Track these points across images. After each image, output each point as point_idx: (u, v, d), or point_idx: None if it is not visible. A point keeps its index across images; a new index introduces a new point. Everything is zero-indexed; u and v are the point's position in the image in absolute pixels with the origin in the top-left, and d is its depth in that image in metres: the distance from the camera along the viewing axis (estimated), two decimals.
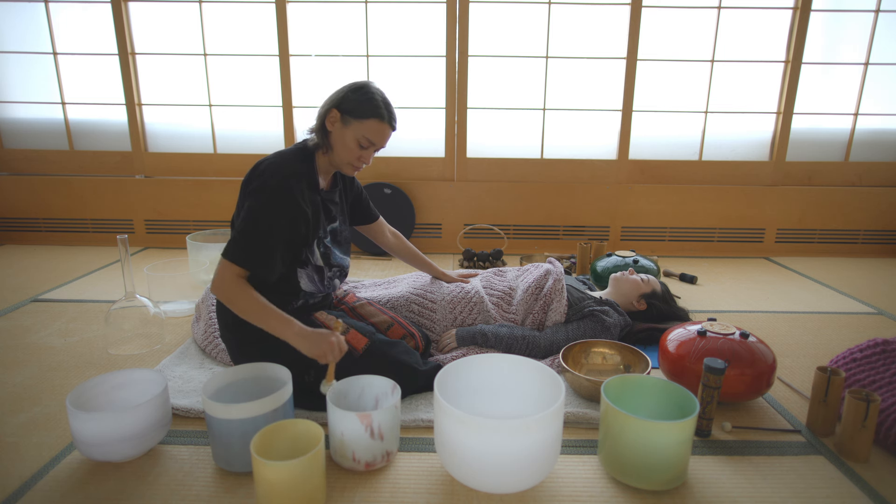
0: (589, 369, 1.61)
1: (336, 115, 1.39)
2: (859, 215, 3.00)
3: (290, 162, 1.38)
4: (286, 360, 1.33)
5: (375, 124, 1.38)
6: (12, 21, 2.88)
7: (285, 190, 1.32)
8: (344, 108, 1.38)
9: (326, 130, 1.42)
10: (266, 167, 1.36)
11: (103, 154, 3.03)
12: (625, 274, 1.93)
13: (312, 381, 1.37)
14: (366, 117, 1.37)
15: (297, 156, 1.41)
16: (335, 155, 1.42)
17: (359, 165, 1.44)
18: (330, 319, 1.47)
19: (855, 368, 1.42)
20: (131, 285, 1.74)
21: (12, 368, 1.63)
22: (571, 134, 3.00)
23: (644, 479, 1.11)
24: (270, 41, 2.87)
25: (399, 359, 1.43)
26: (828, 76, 2.93)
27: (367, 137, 1.38)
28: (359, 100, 1.37)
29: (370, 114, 1.37)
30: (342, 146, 1.40)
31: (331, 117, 1.40)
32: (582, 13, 2.83)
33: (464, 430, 1.04)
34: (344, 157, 1.41)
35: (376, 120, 1.38)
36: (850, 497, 1.13)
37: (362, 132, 1.38)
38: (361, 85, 1.40)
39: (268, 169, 1.35)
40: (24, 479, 1.16)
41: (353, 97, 1.38)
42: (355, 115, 1.37)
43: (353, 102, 1.37)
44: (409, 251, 1.86)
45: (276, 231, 1.31)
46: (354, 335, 1.42)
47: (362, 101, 1.37)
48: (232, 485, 1.14)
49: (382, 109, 1.38)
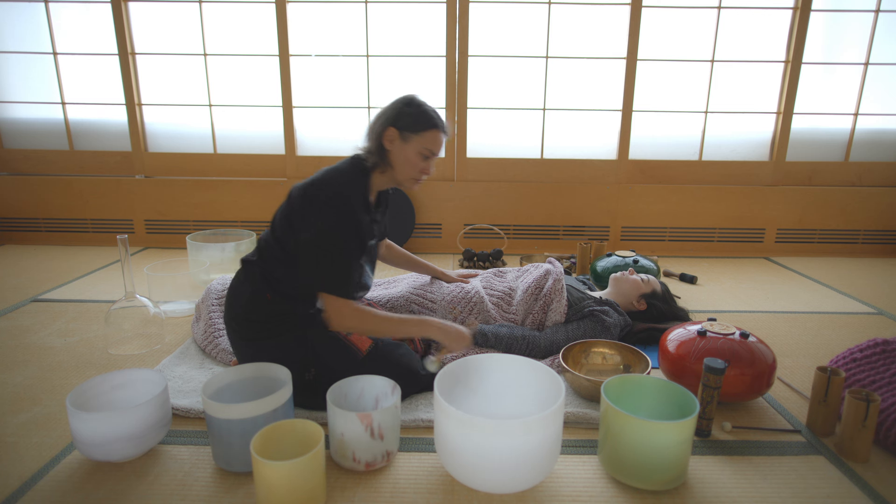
0: (589, 369, 1.61)
1: (394, 133, 1.40)
2: (859, 215, 3.00)
3: (355, 185, 1.40)
4: (288, 359, 1.34)
5: (434, 134, 1.41)
6: (12, 21, 2.88)
7: (357, 216, 1.36)
8: (401, 124, 1.40)
9: (384, 150, 1.42)
10: (336, 192, 1.36)
11: (103, 154, 3.03)
12: (625, 274, 1.93)
13: (312, 379, 1.37)
14: (424, 129, 1.40)
15: (355, 176, 1.42)
16: (397, 172, 1.44)
17: (421, 178, 1.46)
18: None
19: (855, 368, 1.42)
20: (131, 285, 1.74)
21: (12, 368, 1.63)
22: (571, 134, 3.00)
23: (644, 479, 1.11)
24: (270, 41, 2.87)
25: (402, 361, 1.44)
26: (828, 76, 2.93)
27: (428, 148, 1.41)
28: (414, 114, 1.40)
29: (428, 125, 1.40)
30: (404, 162, 1.42)
31: (388, 136, 1.41)
32: (582, 13, 2.83)
33: (464, 430, 1.04)
34: (407, 172, 1.43)
35: (434, 130, 1.41)
36: (850, 497, 1.13)
37: (423, 144, 1.41)
38: (411, 99, 1.43)
39: (339, 194, 1.36)
40: (24, 479, 1.16)
41: (408, 112, 1.40)
42: (413, 130, 1.40)
43: (409, 117, 1.40)
44: (402, 257, 1.86)
45: (355, 256, 1.38)
46: (359, 336, 1.43)
47: (418, 115, 1.40)
48: (232, 485, 1.14)
49: (437, 119, 1.42)
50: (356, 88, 2.94)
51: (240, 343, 1.44)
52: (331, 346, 1.40)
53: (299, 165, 3.00)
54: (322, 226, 1.33)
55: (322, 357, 1.39)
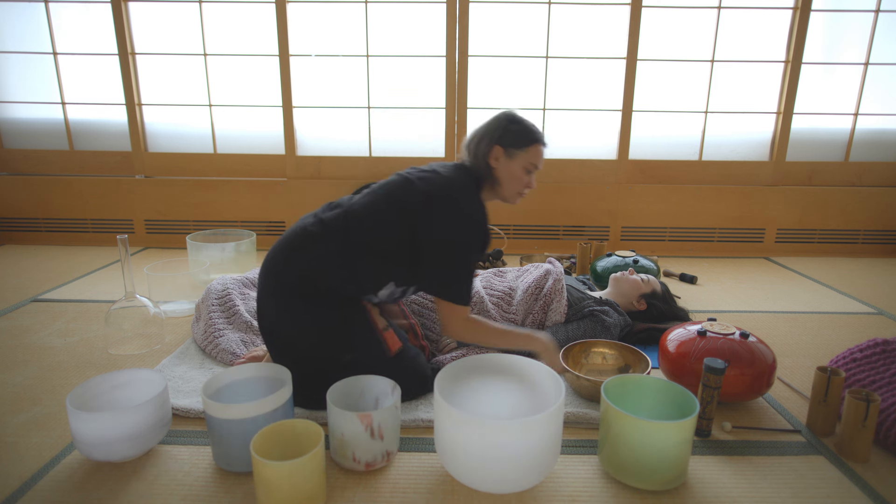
0: (589, 369, 1.61)
1: (500, 151, 1.44)
2: (859, 215, 3.00)
3: (481, 200, 1.43)
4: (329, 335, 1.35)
5: (538, 149, 1.46)
6: (12, 21, 2.88)
7: (483, 226, 1.40)
8: (506, 142, 1.43)
9: (489, 167, 1.45)
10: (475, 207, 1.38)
11: (103, 154, 3.03)
12: (625, 274, 1.93)
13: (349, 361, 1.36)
14: (529, 145, 1.44)
15: (476, 189, 1.45)
16: (504, 188, 1.48)
17: (525, 192, 1.50)
18: (374, 311, 1.45)
19: (855, 368, 1.42)
20: (131, 285, 1.74)
21: (12, 368, 1.63)
22: (571, 134, 3.00)
23: (644, 479, 1.11)
24: (270, 41, 2.87)
25: (419, 370, 1.45)
26: (828, 76, 2.93)
27: (532, 163, 1.46)
28: (518, 131, 1.44)
29: (532, 141, 1.45)
30: (511, 178, 1.46)
31: (494, 155, 1.44)
32: (582, 13, 2.83)
33: (464, 430, 1.04)
34: (514, 187, 1.48)
35: (538, 145, 1.46)
36: (850, 497, 1.13)
37: (528, 160, 1.45)
38: (512, 116, 1.47)
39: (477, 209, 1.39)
40: (24, 479, 1.16)
41: (513, 129, 1.44)
42: (518, 146, 1.44)
43: (513, 135, 1.44)
44: None
45: (472, 264, 1.41)
46: (391, 336, 1.43)
47: (521, 132, 1.44)
48: (232, 485, 1.14)
49: (539, 134, 1.46)
50: (356, 88, 2.94)
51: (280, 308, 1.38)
52: (367, 337, 1.39)
53: (299, 165, 3.00)
54: (459, 236, 1.36)
55: (355, 344, 1.38)
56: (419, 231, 1.35)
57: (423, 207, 1.36)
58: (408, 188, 1.40)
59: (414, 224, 1.36)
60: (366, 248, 1.36)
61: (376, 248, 1.37)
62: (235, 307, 1.79)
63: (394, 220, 1.37)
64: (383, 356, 1.39)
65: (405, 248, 1.37)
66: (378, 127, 3.00)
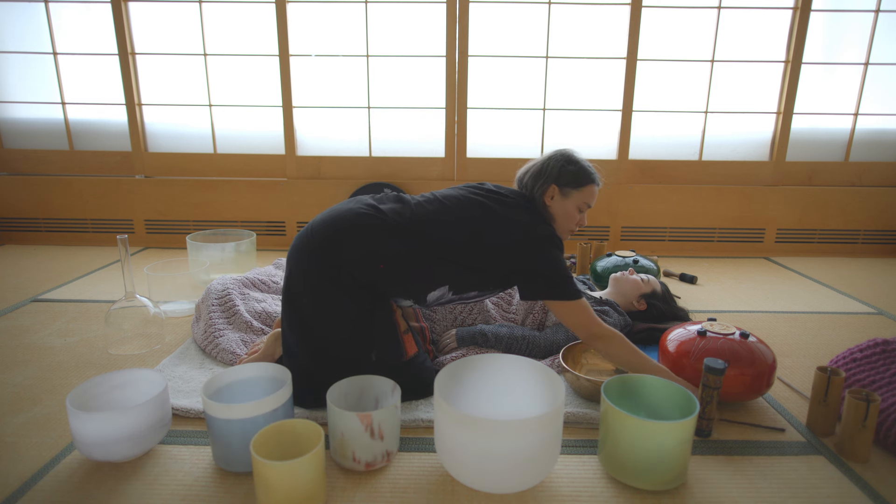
0: (589, 369, 1.61)
1: (555, 190, 1.49)
2: (859, 215, 3.00)
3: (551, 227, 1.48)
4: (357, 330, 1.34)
5: (592, 189, 1.51)
6: (12, 21, 2.88)
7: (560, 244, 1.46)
8: (562, 181, 1.49)
9: (545, 205, 1.51)
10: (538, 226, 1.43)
11: (103, 154, 3.03)
12: (625, 274, 1.93)
13: (375, 361, 1.35)
14: (584, 185, 1.49)
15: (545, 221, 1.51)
16: (557, 225, 1.53)
17: (576, 230, 1.56)
18: (398, 312, 1.44)
19: (855, 368, 1.42)
20: (131, 285, 1.74)
21: (12, 368, 1.63)
22: (571, 134, 3.00)
23: (644, 479, 1.11)
24: (270, 41, 2.87)
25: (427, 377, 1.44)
26: (828, 76, 2.93)
27: (587, 202, 1.51)
28: (575, 171, 1.49)
29: (587, 181, 1.50)
30: (564, 216, 1.51)
31: (550, 193, 1.50)
32: (582, 13, 2.83)
33: (464, 430, 1.04)
34: (567, 225, 1.53)
35: (593, 185, 1.51)
36: (850, 497, 1.13)
37: (583, 199, 1.50)
38: (569, 157, 1.52)
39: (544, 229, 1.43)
40: (24, 479, 1.16)
41: (569, 170, 1.49)
42: (574, 186, 1.49)
43: (570, 175, 1.49)
44: None
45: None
46: (410, 340, 1.42)
47: (578, 173, 1.49)
48: (232, 485, 1.14)
49: (594, 175, 1.52)
50: (356, 88, 2.94)
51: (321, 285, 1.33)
52: (387, 335, 1.38)
53: (299, 165, 3.00)
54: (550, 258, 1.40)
55: (377, 342, 1.37)
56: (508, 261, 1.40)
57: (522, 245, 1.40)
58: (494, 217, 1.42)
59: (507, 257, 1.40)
60: (436, 254, 1.37)
61: (448, 257, 1.38)
62: (235, 307, 1.80)
63: (465, 233, 1.39)
64: (399, 359, 1.39)
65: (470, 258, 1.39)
66: (378, 127, 3.00)
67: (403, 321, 1.44)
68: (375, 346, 1.36)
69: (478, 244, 1.39)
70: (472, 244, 1.39)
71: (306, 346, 1.37)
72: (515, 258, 1.40)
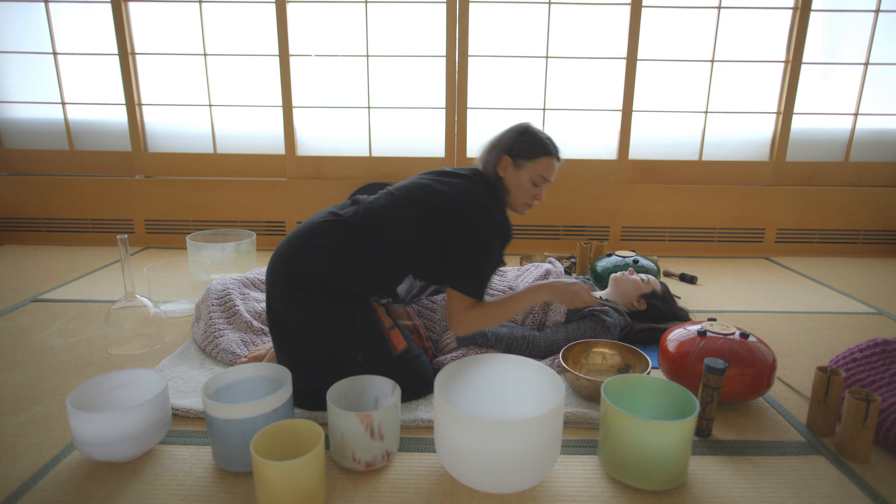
0: (589, 369, 1.61)
1: (508, 161, 1.46)
2: (859, 215, 3.00)
3: (497, 200, 1.46)
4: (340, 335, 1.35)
5: (547, 161, 1.46)
6: (12, 21, 2.88)
7: (504, 228, 1.42)
8: (515, 152, 1.45)
9: (499, 177, 1.48)
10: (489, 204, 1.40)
11: (103, 154, 3.03)
12: (625, 274, 1.93)
13: (362, 361, 1.36)
14: (537, 156, 1.45)
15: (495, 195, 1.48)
16: (512, 198, 1.49)
17: (533, 203, 1.51)
18: (381, 310, 1.46)
19: (855, 368, 1.42)
20: (131, 285, 1.74)
21: (12, 368, 1.63)
22: (571, 134, 2.99)
23: (644, 479, 1.11)
24: (270, 41, 2.87)
25: (421, 371, 1.45)
26: (828, 76, 2.93)
27: (542, 175, 1.46)
28: (528, 142, 1.45)
29: (541, 152, 1.45)
30: (518, 188, 1.47)
31: (503, 164, 1.46)
32: (582, 13, 2.83)
33: (464, 430, 1.04)
34: (521, 198, 1.49)
35: (547, 157, 1.46)
36: (850, 497, 1.13)
37: (537, 171, 1.45)
38: (525, 128, 1.48)
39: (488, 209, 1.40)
40: (24, 479, 1.16)
41: (522, 140, 1.45)
42: (527, 157, 1.45)
43: (523, 145, 1.45)
44: None
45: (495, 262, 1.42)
46: (397, 335, 1.43)
47: (532, 143, 1.45)
48: (232, 485, 1.14)
49: (551, 146, 1.47)
50: (356, 88, 2.94)
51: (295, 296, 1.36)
52: (372, 334, 1.39)
53: (299, 165, 3.00)
54: (483, 237, 1.38)
55: (362, 343, 1.38)
56: (444, 233, 1.38)
57: (447, 209, 1.39)
58: (429, 190, 1.42)
59: (437, 225, 1.38)
60: (387, 245, 1.38)
61: (397, 246, 1.39)
62: (235, 307, 1.80)
63: (414, 219, 1.39)
64: (388, 355, 1.39)
65: (424, 246, 1.39)
66: (378, 127, 3.00)
67: (388, 318, 1.45)
68: (361, 346, 1.37)
69: (418, 227, 1.39)
70: (415, 229, 1.39)
71: (297, 360, 1.38)
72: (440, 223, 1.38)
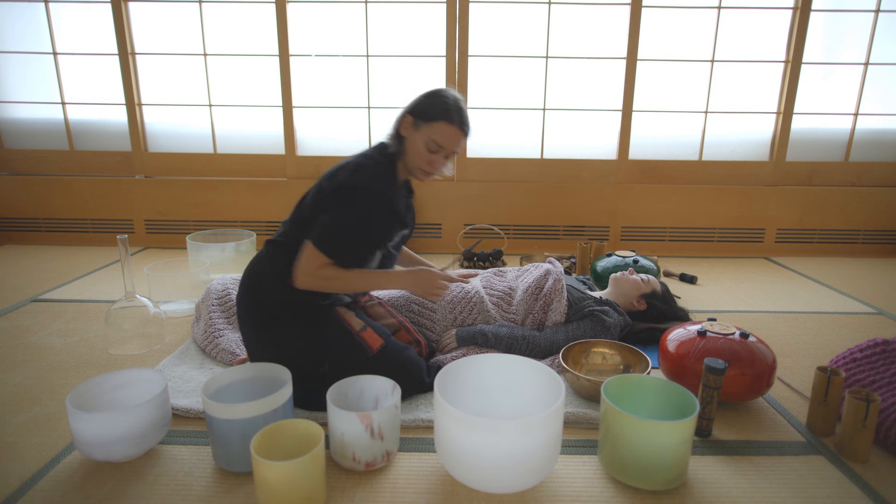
0: (589, 369, 1.61)
1: (409, 120, 1.40)
2: (859, 215, 3.00)
3: (380, 165, 1.41)
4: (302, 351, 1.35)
5: (443, 127, 1.37)
6: (12, 21, 2.88)
7: (381, 190, 1.35)
8: (416, 112, 1.40)
9: (401, 136, 1.43)
10: (356, 168, 1.38)
11: (103, 154, 3.03)
12: (625, 274, 1.93)
13: (327, 373, 1.36)
14: (434, 120, 1.37)
15: (384, 160, 1.43)
16: (408, 160, 1.43)
17: (429, 170, 1.43)
18: (350, 315, 1.46)
19: (855, 368, 1.42)
20: (131, 285, 1.74)
21: (12, 368, 1.63)
22: (571, 134, 2.99)
23: (644, 479, 1.11)
24: (270, 41, 2.87)
25: (409, 365, 1.45)
26: (828, 76, 2.93)
27: (436, 141, 1.38)
28: (429, 103, 1.39)
29: (438, 116, 1.37)
30: (413, 150, 1.41)
31: (404, 122, 1.41)
32: (582, 13, 2.83)
33: (464, 430, 1.04)
34: (415, 161, 1.42)
35: (444, 122, 1.37)
36: (850, 497, 1.13)
37: (430, 135, 1.38)
38: (436, 90, 1.41)
39: (359, 170, 1.37)
40: (24, 479, 1.16)
41: (425, 101, 1.40)
42: (425, 119, 1.38)
43: (423, 106, 1.39)
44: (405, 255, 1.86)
45: (368, 229, 1.36)
46: (371, 334, 1.43)
47: (432, 105, 1.38)
48: (232, 485, 1.14)
49: (452, 112, 1.38)
50: (356, 88, 2.94)
51: (253, 331, 1.42)
52: (343, 342, 1.40)
53: (299, 165, 3.00)
54: (343, 202, 1.33)
55: (333, 351, 1.39)
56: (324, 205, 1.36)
57: (324, 186, 1.38)
58: (323, 174, 1.43)
59: (322, 201, 1.37)
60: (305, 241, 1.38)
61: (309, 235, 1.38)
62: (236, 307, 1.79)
63: (312, 202, 1.40)
64: (365, 356, 1.39)
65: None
66: (378, 127, 3.00)
67: (358, 320, 1.45)
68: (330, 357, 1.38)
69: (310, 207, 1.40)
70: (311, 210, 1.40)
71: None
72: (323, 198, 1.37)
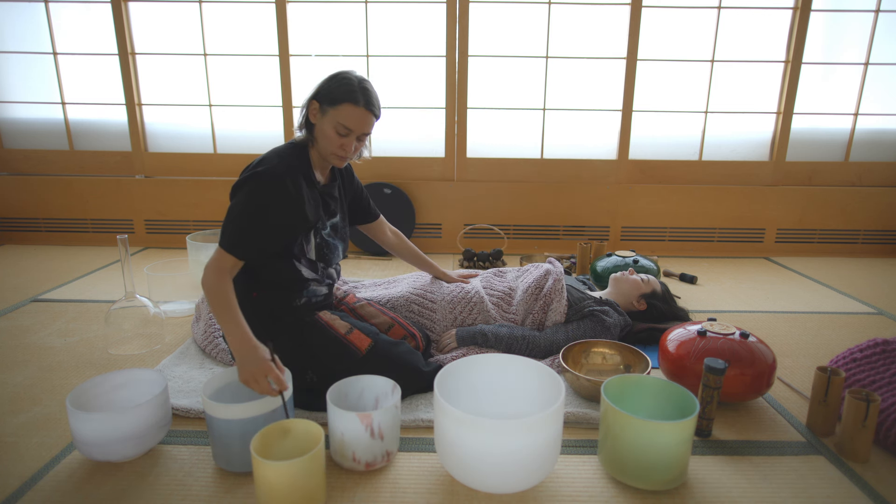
0: (589, 369, 1.61)
1: (316, 106, 1.38)
2: (859, 215, 3.00)
3: (281, 155, 1.38)
4: (285, 362, 1.34)
5: (349, 109, 1.34)
6: (12, 21, 2.88)
7: (273, 177, 1.31)
8: (320, 96, 1.36)
9: (311, 124, 1.41)
10: (258, 161, 1.37)
11: (103, 154, 3.03)
12: (625, 274, 1.93)
13: (315, 381, 1.37)
14: (339, 103, 1.34)
15: (290, 150, 1.41)
16: (320, 146, 1.40)
17: (342, 155, 1.39)
18: (334, 319, 1.47)
19: (855, 368, 1.42)
20: (131, 285, 1.74)
21: (12, 368, 1.63)
22: (571, 134, 3.00)
23: (644, 479, 1.11)
24: (270, 41, 2.87)
25: (402, 359, 1.44)
26: (828, 76, 2.93)
27: (343, 124, 1.34)
28: (333, 86, 1.35)
29: (343, 99, 1.33)
30: (322, 136, 1.38)
31: (312, 109, 1.38)
32: (582, 13, 2.83)
33: (464, 430, 1.04)
34: (326, 147, 1.38)
35: (349, 104, 1.33)
36: (850, 497, 1.13)
37: (337, 119, 1.34)
38: (338, 73, 1.38)
39: (260, 162, 1.35)
40: (24, 479, 1.16)
41: (328, 85, 1.36)
42: (330, 103, 1.35)
43: (327, 90, 1.36)
44: (409, 250, 1.86)
45: (263, 216, 1.30)
46: (358, 335, 1.43)
47: (336, 87, 1.35)
48: (232, 485, 1.14)
49: (357, 94, 1.34)
50: None
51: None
52: (329, 346, 1.41)
53: None
54: (242, 191, 1.31)
55: (320, 358, 1.40)
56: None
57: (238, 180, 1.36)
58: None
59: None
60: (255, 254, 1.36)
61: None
62: None
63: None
64: (354, 358, 1.39)
65: None
66: (377, 127, 3.00)
67: (345, 323, 1.45)
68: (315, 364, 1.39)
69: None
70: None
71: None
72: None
